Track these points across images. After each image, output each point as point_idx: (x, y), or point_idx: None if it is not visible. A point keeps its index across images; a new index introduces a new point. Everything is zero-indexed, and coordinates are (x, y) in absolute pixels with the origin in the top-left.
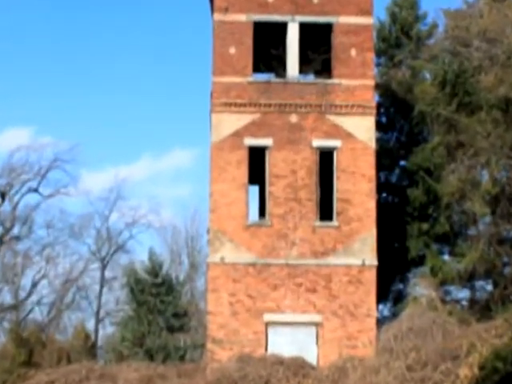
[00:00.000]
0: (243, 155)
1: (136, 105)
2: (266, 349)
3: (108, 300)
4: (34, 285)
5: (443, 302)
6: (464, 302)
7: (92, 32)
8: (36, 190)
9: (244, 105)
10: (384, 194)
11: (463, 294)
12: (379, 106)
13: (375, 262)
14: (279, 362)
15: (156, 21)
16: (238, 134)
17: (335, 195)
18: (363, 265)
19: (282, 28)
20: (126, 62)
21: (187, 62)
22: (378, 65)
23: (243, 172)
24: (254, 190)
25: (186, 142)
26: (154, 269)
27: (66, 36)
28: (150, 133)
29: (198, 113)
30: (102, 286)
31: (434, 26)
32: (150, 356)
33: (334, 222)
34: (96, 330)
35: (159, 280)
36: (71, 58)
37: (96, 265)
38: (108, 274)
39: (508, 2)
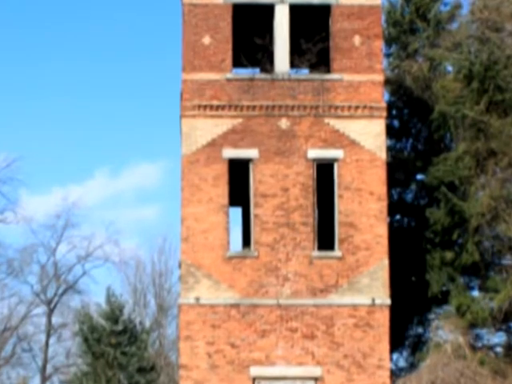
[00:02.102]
0: (222, 170)
1: (87, 110)
2: None
3: (56, 352)
4: None
5: (473, 348)
6: (498, 349)
7: (31, 23)
8: None
9: (222, 107)
10: (398, 216)
11: (497, 338)
12: (390, 106)
13: (388, 301)
14: None
15: (111, 8)
16: (215, 144)
17: (337, 218)
18: (373, 304)
19: (268, 12)
20: (75, 59)
21: (152, 56)
22: (388, 55)
23: (222, 191)
24: (236, 212)
25: (151, 154)
26: (114, 313)
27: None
28: (105, 144)
29: (165, 118)
30: (48, 336)
31: (457, 6)
32: None
33: (336, 252)
34: None
35: (120, 327)
36: (5, 56)
37: (41, 309)
38: (56, 320)
39: None
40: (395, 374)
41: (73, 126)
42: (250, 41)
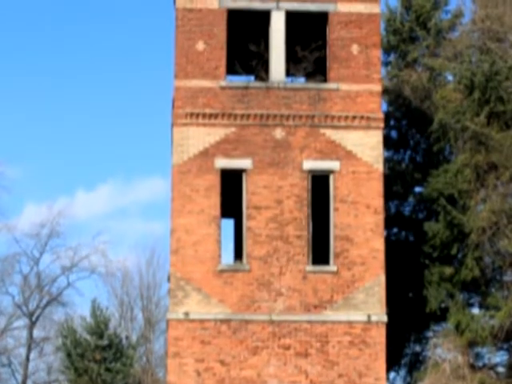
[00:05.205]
0: (214, 181)
1: (88, 115)
2: None
3: (37, 368)
4: None
5: (472, 368)
6: (500, 369)
7: (26, 26)
8: None
9: (215, 116)
10: (395, 230)
11: (498, 357)
12: (388, 116)
13: (384, 318)
14: None
15: (102, 13)
16: (207, 154)
17: (332, 232)
18: (369, 321)
19: (263, 18)
20: (66, 57)
21: (147, 61)
22: (386, 65)
23: (214, 202)
24: (229, 224)
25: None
26: (99, 327)
27: None
28: (89, 156)
29: (155, 125)
30: (29, 350)
31: (458, 15)
32: None
33: (331, 267)
34: None
35: (105, 342)
36: None
37: (22, 321)
38: (38, 333)
39: None
40: None
41: (57, 137)
42: (244, 48)
